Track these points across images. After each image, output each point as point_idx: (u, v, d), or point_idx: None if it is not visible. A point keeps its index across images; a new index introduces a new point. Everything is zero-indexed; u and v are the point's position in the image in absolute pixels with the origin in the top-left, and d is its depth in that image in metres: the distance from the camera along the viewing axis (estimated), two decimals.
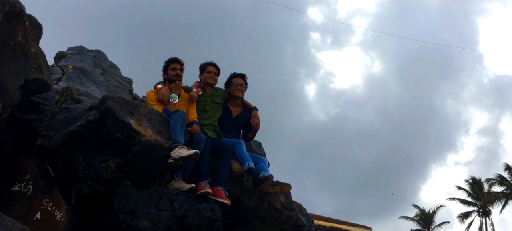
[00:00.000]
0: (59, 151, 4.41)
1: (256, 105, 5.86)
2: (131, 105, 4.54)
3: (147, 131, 4.36)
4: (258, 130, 5.70)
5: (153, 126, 4.55)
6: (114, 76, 8.80)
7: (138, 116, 4.49)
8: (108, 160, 4.27)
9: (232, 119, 5.71)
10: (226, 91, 5.88)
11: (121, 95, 4.70)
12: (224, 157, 4.94)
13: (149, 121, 4.57)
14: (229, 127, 5.66)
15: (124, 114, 4.31)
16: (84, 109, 4.66)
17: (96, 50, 9.38)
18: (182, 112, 4.89)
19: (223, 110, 5.71)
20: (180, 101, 5.34)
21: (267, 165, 5.33)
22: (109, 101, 4.32)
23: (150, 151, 4.33)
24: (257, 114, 5.72)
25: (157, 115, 4.77)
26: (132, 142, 4.24)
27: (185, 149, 4.39)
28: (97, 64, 8.72)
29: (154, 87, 5.48)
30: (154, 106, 5.09)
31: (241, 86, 5.78)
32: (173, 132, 4.60)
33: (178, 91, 5.36)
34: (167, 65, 5.52)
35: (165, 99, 5.22)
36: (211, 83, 5.77)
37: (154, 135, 4.39)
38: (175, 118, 4.75)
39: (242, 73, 5.90)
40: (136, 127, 4.28)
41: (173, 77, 5.41)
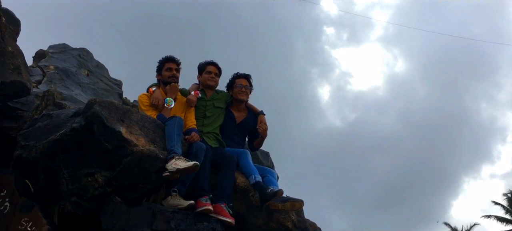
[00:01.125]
0: (40, 163, 4.43)
1: (263, 110, 5.87)
2: (121, 111, 4.55)
3: (139, 140, 4.36)
4: (266, 138, 5.71)
5: (146, 134, 4.55)
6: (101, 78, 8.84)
7: (129, 123, 4.50)
8: (96, 173, 4.28)
9: (236, 125, 5.72)
10: (229, 94, 5.88)
11: (109, 100, 4.72)
12: (227, 169, 4.94)
13: (142, 128, 4.58)
14: (233, 134, 5.67)
15: (113, 121, 4.32)
16: (68, 115, 4.67)
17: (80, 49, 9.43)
18: (179, 118, 4.90)
19: (226, 116, 5.72)
20: (176, 106, 5.35)
21: (276, 178, 5.33)
22: (96, 106, 4.33)
23: (143, 163, 4.33)
24: (264, 120, 5.72)
25: (150, 122, 4.78)
26: (123, 153, 4.25)
27: (182, 160, 4.39)
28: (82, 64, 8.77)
29: (147, 90, 5.50)
30: (147, 112, 5.10)
31: (246, 88, 5.79)
32: (169, 141, 4.61)
33: (174, 95, 5.38)
34: (162, 65, 5.54)
35: (159, 103, 5.24)
36: (212, 85, 5.78)
37: (147, 145, 4.40)
38: (171, 125, 4.76)
39: (246, 73, 5.92)
40: (127, 135, 4.29)
41: (168, 79, 5.43)
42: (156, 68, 5.60)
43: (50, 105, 5.92)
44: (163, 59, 5.57)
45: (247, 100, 5.89)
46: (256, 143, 5.82)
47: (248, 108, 5.90)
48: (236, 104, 5.82)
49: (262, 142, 5.78)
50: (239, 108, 5.82)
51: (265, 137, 5.69)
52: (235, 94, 5.78)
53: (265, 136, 5.68)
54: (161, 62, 5.56)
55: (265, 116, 5.80)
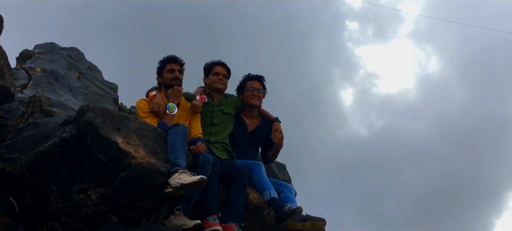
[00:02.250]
0: (26, 178, 4.44)
1: (278, 116, 5.87)
2: (117, 118, 4.56)
3: (138, 152, 4.37)
4: (281, 148, 5.70)
5: (146, 145, 4.56)
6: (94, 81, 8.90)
7: (127, 132, 4.51)
8: (89, 190, 4.29)
9: (247, 134, 5.72)
10: (239, 99, 5.90)
11: (104, 106, 4.73)
12: (237, 184, 4.94)
13: (141, 138, 4.59)
14: (244, 144, 5.68)
15: (108, 130, 4.34)
16: (57, 124, 4.70)
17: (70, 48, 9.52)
18: (183, 126, 4.91)
19: (236, 124, 5.74)
20: (180, 113, 5.37)
21: (293, 194, 5.31)
22: (89, 113, 4.35)
23: (143, 177, 4.34)
24: (280, 128, 5.71)
25: (150, 131, 4.79)
26: (119, 166, 4.26)
27: (187, 174, 4.39)
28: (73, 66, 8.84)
29: (147, 94, 5.52)
30: (146, 120, 5.12)
31: (258, 91, 5.80)
32: (171, 152, 4.62)
33: (177, 100, 5.39)
34: (163, 66, 5.56)
35: (160, 109, 5.26)
36: (220, 88, 5.80)
37: (147, 157, 4.41)
38: (174, 134, 4.77)
39: (259, 74, 5.93)
40: (124, 146, 4.30)
41: (170, 82, 5.45)
42: (157, 69, 5.63)
43: (37, 113, 5.96)
44: (165, 59, 5.59)
45: (260, 105, 5.89)
46: (270, 154, 5.81)
47: (261, 114, 5.90)
48: (247, 110, 5.83)
49: (277, 153, 5.77)
50: (251, 115, 5.83)
51: (280, 147, 5.67)
52: (247, 99, 5.78)
53: (281, 146, 5.67)
54: (162, 62, 5.58)
55: (280, 123, 5.78)
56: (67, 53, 9.19)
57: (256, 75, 5.90)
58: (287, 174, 7.97)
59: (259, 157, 5.98)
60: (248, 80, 5.87)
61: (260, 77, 5.90)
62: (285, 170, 8.02)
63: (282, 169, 7.89)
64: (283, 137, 5.64)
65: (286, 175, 7.95)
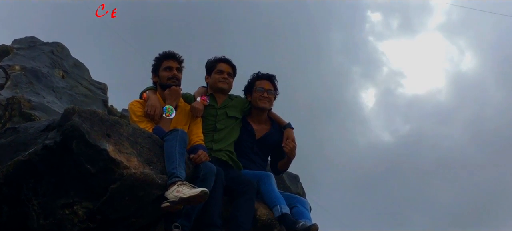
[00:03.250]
0: (3, 191, 4.43)
1: (291, 122, 5.86)
2: (107, 123, 4.56)
3: (131, 161, 4.37)
4: (294, 158, 5.68)
5: (140, 153, 4.56)
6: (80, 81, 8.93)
7: (118, 138, 4.50)
8: (75, 204, 4.28)
9: (255, 141, 5.72)
10: (246, 101, 5.90)
11: (92, 109, 4.73)
12: (244, 197, 4.93)
13: (134, 145, 4.59)
14: (251, 153, 5.68)
15: (97, 136, 4.33)
16: (39, 130, 4.69)
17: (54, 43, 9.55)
18: (182, 132, 4.89)
19: (242, 129, 5.74)
20: (178, 117, 5.37)
21: (308, 209, 5.30)
22: (75, 117, 4.34)
23: (136, 190, 4.32)
24: (292, 135, 5.70)
25: (145, 137, 4.79)
26: (110, 177, 4.24)
27: (187, 186, 4.37)
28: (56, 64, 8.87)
29: (140, 96, 5.52)
30: (140, 124, 5.12)
31: (269, 92, 5.79)
32: (169, 162, 4.60)
33: (175, 102, 5.39)
34: (159, 63, 5.56)
35: (156, 113, 5.25)
36: (224, 88, 5.80)
37: (141, 167, 4.40)
38: (171, 140, 4.76)
39: (270, 73, 5.92)
40: (115, 154, 4.29)
41: (167, 81, 5.45)
42: (152, 67, 5.62)
43: (15, 117, 5.99)
44: (161, 55, 5.58)
45: (271, 108, 5.89)
46: (281, 164, 5.80)
47: (272, 119, 5.89)
48: (256, 114, 5.83)
49: (289, 163, 5.76)
50: (259, 119, 5.83)
51: (292, 157, 5.66)
52: (255, 101, 5.78)
53: (293, 156, 5.65)
54: (158, 59, 5.58)
55: (293, 129, 5.78)
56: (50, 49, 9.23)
57: (266, 74, 5.90)
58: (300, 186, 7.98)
59: (268, 167, 5.97)
60: (257, 80, 5.86)
61: (271, 76, 5.89)
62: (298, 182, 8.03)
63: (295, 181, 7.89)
64: (296, 146, 5.63)
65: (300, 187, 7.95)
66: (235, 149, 5.61)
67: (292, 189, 7.39)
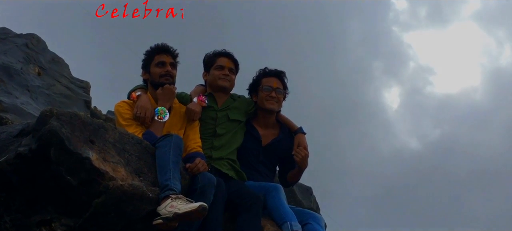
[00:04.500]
0: None
1: (302, 126, 5.90)
2: (91, 127, 4.57)
3: (117, 171, 4.38)
4: (306, 168, 5.70)
5: (128, 162, 4.58)
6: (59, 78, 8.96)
7: (102, 145, 4.52)
8: (53, 222, 4.29)
9: (262, 148, 5.75)
10: (251, 102, 5.93)
11: (72, 111, 4.73)
12: (249, 213, 4.95)
13: (121, 153, 4.61)
14: (257, 162, 5.71)
15: (78, 143, 4.34)
16: (12, 135, 4.71)
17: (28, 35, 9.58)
18: (176, 137, 4.90)
19: (246, 134, 5.77)
20: (172, 120, 5.39)
21: (322, 226, 5.32)
22: (54, 120, 4.35)
23: (124, 205, 4.34)
24: (304, 142, 5.73)
25: (134, 143, 4.81)
26: (93, 190, 4.26)
27: (182, 201, 4.39)
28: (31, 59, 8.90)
29: (128, 96, 5.54)
30: (128, 129, 5.13)
31: (277, 92, 5.80)
32: (161, 172, 4.61)
33: (168, 102, 5.41)
34: (150, 57, 5.57)
35: (147, 115, 5.26)
36: (224, 86, 5.83)
37: (129, 178, 4.42)
38: (164, 147, 4.77)
39: (278, 69, 5.94)
40: (100, 164, 4.30)
41: (160, 79, 5.46)
42: (142, 62, 5.64)
43: None
44: (152, 49, 5.60)
45: (279, 110, 5.92)
46: (291, 175, 5.82)
47: (280, 123, 5.92)
48: (262, 117, 5.85)
49: (300, 174, 5.78)
50: (266, 123, 5.86)
51: (304, 167, 5.67)
52: (261, 101, 5.80)
53: (305, 166, 5.66)
54: (149, 53, 5.59)
55: (305, 135, 5.81)
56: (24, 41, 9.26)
57: (274, 70, 5.91)
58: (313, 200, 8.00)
59: (276, 179, 5.98)
60: (263, 77, 5.88)
61: (280, 72, 5.91)
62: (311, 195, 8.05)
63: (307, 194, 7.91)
64: (308, 154, 5.64)
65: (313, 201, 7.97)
66: (238, 157, 5.64)
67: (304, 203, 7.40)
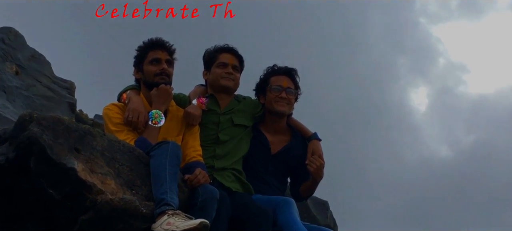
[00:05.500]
0: None
1: (317, 132, 5.88)
2: (76, 133, 4.56)
3: (106, 183, 4.37)
4: (321, 179, 5.69)
5: (119, 173, 4.57)
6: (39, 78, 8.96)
7: (89, 153, 4.51)
8: None
9: (271, 157, 5.74)
10: (258, 104, 5.92)
11: (55, 115, 4.73)
12: None
13: (111, 162, 4.60)
14: (265, 173, 5.70)
15: (61, 151, 4.33)
16: None
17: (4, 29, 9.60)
18: (173, 145, 4.89)
19: (253, 141, 5.76)
20: (168, 124, 5.38)
21: None
22: (34, 126, 4.35)
23: (114, 222, 4.33)
24: (319, 149, 5.72)
25: (125, 152, 4.79)
26: (79, 205, 4.25)
27: (180, 217, 4.38)
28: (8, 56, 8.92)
29: (119, 97, 5.55)
30: (119, 135, 5.12)
31: (288, 92, 5.79)
32: (157, 184, 4.60)
33: (164, 105, 5.40)
34: (144, 54, 5.56)
35: (140, 120, 5.26)
36: (228, 86, 5.82)
37: (120, 191, 4.41)
38: (160, 156, 4.75)
39: (289, 67, 5.93)
40: (86, 175, 4.29)
41: (154, 78, 5.45)
42: (134, 60, 5.64)
43: None
44: (146, 44, 5.59)
45: (291, 113, 5.91)
46: (305, 188, 5.81)
47: (292, 128, 5.91)
48: (271, 121, 5.84)
49: (315, 186, 5.77)
50: (276, 128, 5.84)
51: (319, 178, 5.66)
52: (270, 103, 5.78)
53: (320, 177, 5.65)
54: (143, 49, 5.58)
55: (320, 142, 5.79)
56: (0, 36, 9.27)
57: (285, 68, 5.90)
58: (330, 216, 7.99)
59: (288, 191, 5.96)
60: (272, 75, 5.87)
61: (291, 70, 5.89)
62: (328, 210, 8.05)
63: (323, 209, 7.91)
64: (324, 164, 5.62)
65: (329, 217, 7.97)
66: (244, 167, 5.63)
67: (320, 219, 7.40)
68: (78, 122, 5.11)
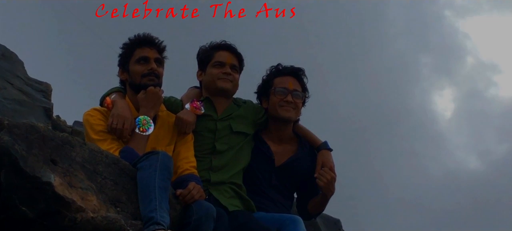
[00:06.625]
0: None
1: (327, 141, 5.91)
2: (53, 143, 4.57)
3: (87, 200, 4.38)
4: (332, 195, 5.71)
5: (101, 188, 4.58)
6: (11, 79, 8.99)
7: (68, 165, 4.52)
8: None
9: (275, 169, 5.76)
10: (261, 108, 5.95)
11: (28, 122, 4.75)
12: None
13: (92, 176, 4.61)
14: (268, 187, 5.72)
15: (36, 163, 4.34)
16: None
17: None
18: (164, 155, 4.89)
19: (255, 151, 5.78)
20: (158, 132, 5.41)
21: None
22: (4, 135, 4.36)
23: None
24: (330, 160, 5.74)
25: (108, 163, 4.80)
26: (56, 225, 4.26)
27: None
28: None
29: (101, 102, 5.57)
30: (101, 145, 5.13)
31: (295, 95, 5.81)
32: (145, 201, 4.61)
33: (153, 110, 5.41)
34: (130, 52, 5.58)
35: (125, 127, 5.27)
36: (226, 89, 5.83)
37: (103, 208, 4.42)
38: (148, 168, 4.76)
39: (296, 66, 5.95)
40: (64, 190, 4.30)
41: (142, 79, 5.46)
42: (119, 59, 5.67)
43: None
44: (132, 41, 5.61)
45: (298, 119, 5.94)
46: (313, 205, 5.85)
47: (299, 136, 5.93)
48: (275, 128, 5.87)
49: (325, 202, 5.80)
50: (281, 137, 5.87)
51: (330, 193, 5.68)
52: (274, 108, 5.79)
53: (331, 193, 5.68)
54: (129, 47, 5.61)
55: (331, 152, 5.82)
56: None
57: (290, 68, 5.92)
58: None
59: (294, 208, 5.97)
60: (276, 76, 5.88)
61: (297, 70, 5.91)
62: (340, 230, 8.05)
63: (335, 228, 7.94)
64: (335, 177, 5.64)
65: None
66: (245, 181, 5.64)
67: None
68: (55, 129, 5.13)
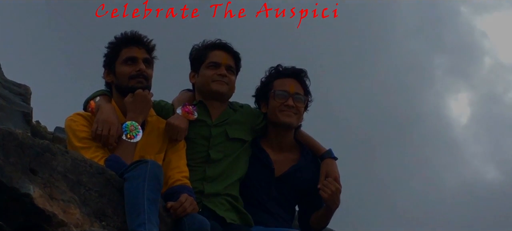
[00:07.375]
0: None
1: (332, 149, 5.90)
2: (32, 151, 4.58)
3: (70, 213, 4.38)
4: (337, 208, 5.71)
5: (85, 200, 4.59)
6: None
7: (48, 175, 4.52)
8: None
9: (275, 180, 5.76)
10: (259, 113, 5.97)
11: (5, 128, 4.76)
12: None
13: (75, 187, 4.60)
14: (268, 199, 5.72)
15: (14, 173, 4.35)
16: None
17: None
18: (153, 164, 4.90)
19: (253, 160, 5.79)
20: (147, 139, 5.42)
21: None
22: None
23: None
24: (335, 170, 5.75)
25: (93, 173, 4.80)
26: None
27: None
28: None
29: (85, 106, 5.58)
30: (86, 153, 5.13)
31: (296, 98, 5.81)
32: (132, 214, 4.61)
33: (142, 115, 5.42)
34: (116, 51, 5.58)
35: (111, 133, 5.27)
36: (221, 92, 5.82)
37: (87, 222, 4.43)
38: (136, 179, 4.76)
39: (297, 67, 5.96)
40: (44, 203, 4.30)
41: (129, 81, 5.46)
42: (104, 59, 5.67)
43: None
44: (118, 39, 5.61)
45: (300, 126, 5.95)
46: (316, 218, 5.85)
47: (301, 144, 5.95)
48: (274, 135, 5.88)
49: (329, 216, 5.80)
50: (280, 144, 5.88)
51: (334, 206, 5.69)
52: (274, 113, 5.80)
53: (335, 206, 5.68)
54: (115, 46, 5.61)
55: (336, 161, 5.83)
56: None
57: (292, 69, 5.93)
58: None
59: (295, 222, 5.98)
60: (276, 78, 5.89)
61: (299, 72, 5.92)
62: None
63: None
64: (340, 189, 5.65)
65: None
66: (242, 192, 5.65)
67: None
68: (35, 136, 5.13)
